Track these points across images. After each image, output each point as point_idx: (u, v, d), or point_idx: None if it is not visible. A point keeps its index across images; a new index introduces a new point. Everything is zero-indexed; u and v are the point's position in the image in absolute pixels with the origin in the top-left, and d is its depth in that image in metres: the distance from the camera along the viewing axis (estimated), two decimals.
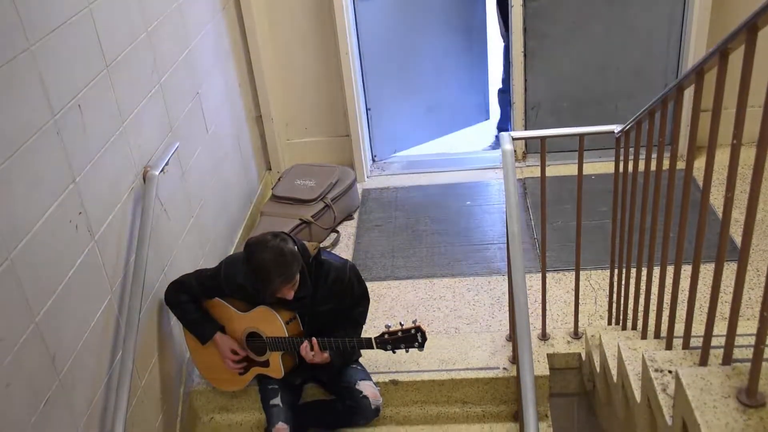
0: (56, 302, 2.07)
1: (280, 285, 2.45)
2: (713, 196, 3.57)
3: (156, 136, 2.85)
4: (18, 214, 1.92)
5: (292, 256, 2.45)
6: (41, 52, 2.05)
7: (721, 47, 1.58)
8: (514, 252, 2.31)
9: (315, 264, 2.64)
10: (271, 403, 2.81)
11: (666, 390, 1.82)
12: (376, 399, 2.81)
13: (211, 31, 3.59)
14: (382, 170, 4.66)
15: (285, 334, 2.68)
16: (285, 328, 2.67)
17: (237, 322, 2.77)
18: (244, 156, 4.12)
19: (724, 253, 1.68)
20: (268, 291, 2.48)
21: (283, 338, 2.68)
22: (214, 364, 2.88)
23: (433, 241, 3.89)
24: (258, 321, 2.72)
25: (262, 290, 2.50)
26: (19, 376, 1.89)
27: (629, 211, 2.48)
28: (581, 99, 4.39)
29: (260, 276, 2.44)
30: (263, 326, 2.72)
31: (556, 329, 3.11)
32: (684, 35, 4.12)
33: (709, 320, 1.77)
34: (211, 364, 2.89)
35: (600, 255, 3.48)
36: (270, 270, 2.41)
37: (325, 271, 2.66)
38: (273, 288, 2.46)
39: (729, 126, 1.56)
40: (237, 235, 3.87)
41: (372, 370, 2.94)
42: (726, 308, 2.89)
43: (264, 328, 2.72)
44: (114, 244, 2.45)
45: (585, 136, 2.62)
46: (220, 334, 2.78)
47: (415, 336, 2.56)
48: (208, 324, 2.78)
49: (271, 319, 2.68)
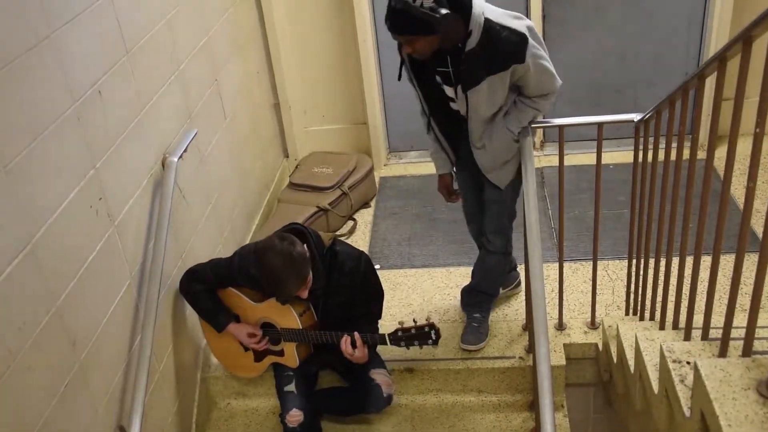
0: (76, 287, 2.10)
1: (293, 288, 2.45)
2: (734, 186, 3.53)
3: (175, 122, 2.86)
4: (39, 200, 1.94)
5: (302, 259, 2.44)
6: (62, 39, 2.06)
7: (744, 34, 1.56)
8: (532, 241, 2.30)
9: (329, 254, 2.63)
10: (286, 390, 2.82)
11: (684, 381, 1.81)
12: (389, 387, 2.82)
13: (229, 19, 3.59)
14: (399, 158, 4.65)
15: (299, 325, 2.68)
16: (299, 320, 2.67)
17: (251, 312, 2.78)
18: (262, 143, 4.13)
19: (744, 243, 1.67)
20: (282, 295, 2.51)
21: (296, 330, 2.69)
22: (230, 351, 2.90)
23: (450, 230, 3.88)
24: (271, 312, 2.73)
25: (277, 294, 2.53)
26: (40, 359, 1.92)
27: (648, 201, 2.46)
28: (600, 87, 4.34)
29: (273, 282, 2.44)
30: (277, 318, 2.73)
31: (573, 319, 3.10)
32: (706, 21, 4.06)
33: (729, 311, 1.76)
34: (227, 352, 2.91)
35: (618, 245, 3.46)
36: (281, 275, 2.40)
37: (339, 261, 2.64)
38: (287, 292, 2.47)
39: (751, 115, 1.54)
40: (254, 222, 3.89)
41: (387, 357, 2.95)
42: (746, 300, 2.86)
43: (278, 319, 2.73)
44: (133, 230, 2.47)
45: (604, 125, 2.60)
46: (234, 324, 2.78)
47: (428, 333, 2.54)
48: (223, 313, 2.78)
49: (285, 311, 2.68)
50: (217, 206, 3.30)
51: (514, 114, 2.53)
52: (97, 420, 2.22)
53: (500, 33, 2.30)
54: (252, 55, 4.00)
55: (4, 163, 1.80)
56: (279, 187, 4.31)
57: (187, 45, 3.03)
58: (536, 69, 2.39)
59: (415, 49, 2.31)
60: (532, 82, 2.44)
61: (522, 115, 2.53)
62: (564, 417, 2.90)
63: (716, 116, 1.81)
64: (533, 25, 2.40)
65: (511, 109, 2.54)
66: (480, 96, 2.43)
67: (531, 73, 2.39)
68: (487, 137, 2.58)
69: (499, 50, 2.32)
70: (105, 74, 2.30)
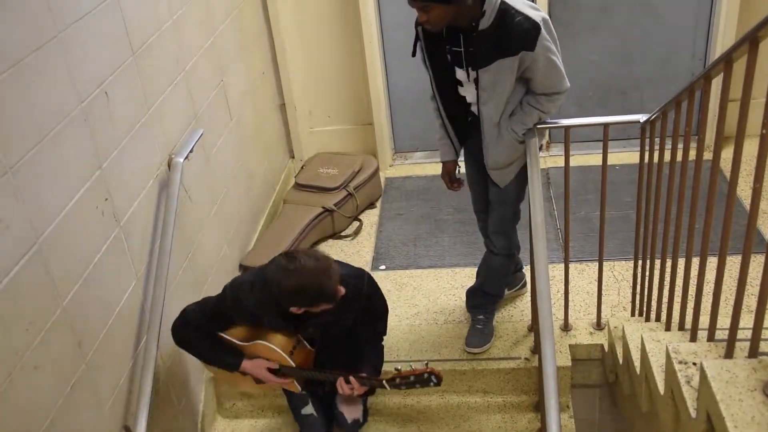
0: (83, 287, 2.10)
1: (335, 284, 2.21)
2: (740, 187, 3.52)
3: (181, 123, 2.87)
4: (46, 199, 1.95)
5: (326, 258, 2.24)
6: (69, 39, 2.07)
7: (751, 35, 1.55)
8: (537, 242, 2.30)
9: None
10: (303, 414, 2.62)
11: (690, 382, 1.81)
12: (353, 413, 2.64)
13: (235, 19, 3.60)
14: (404, 159, 4.65)
15: (290, 363, 2.46)
16: (289, 359, 2.45)
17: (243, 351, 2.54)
18: (268, 144, 4.14)
19: (750, 244, 1.66)
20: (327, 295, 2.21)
21: (292, 367, 2.47)
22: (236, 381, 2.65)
23: (455, 231, 3.88)
24: (261, 351, 2.48)
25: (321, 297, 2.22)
26: (47, 359, 1.93)
27: (654, 202, 2.46)
28: (606, 88, 4.34)
29: (314, 284, 2.16)
30: (267, 356, 2.49)
31: (578, 320, 3.10)
32: (712, 22, 4.05)
33: (735, 312, 1.75)
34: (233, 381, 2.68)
35: (623, 246, 3.45)
36: (320, 274, 2.16)
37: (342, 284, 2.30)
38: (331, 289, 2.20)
39: (758, 116, 1.54)
40: (260, 223, 3.90)
41: (393, 357, 2.95)
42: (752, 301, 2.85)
43: (268, 358, 2.49)
44: (139, 231, 2.48)
45: (610, 126, 2.60)
46: (247, 360, 2.48)
47: (429, 379, 2.31)
48: (229, 353, 2.49)
49: (272, 351, 2.46)
50: (222, 206, 3.31)
51: (518, 115, 2.53)
52: (103, 420, 2.23)
53: (514, 17, 2.32)
54: (257, 55, 4.01)
55: (11, 164, 1.80)
56: (284, 187, 4.31)
57: (193, 46, 3.03)
58: (545, 62, 2.40)
59: (430, 18, 2.33)
60: (539, 76, 2.44)
61: (526, 117, 2.53)
62: (570, 418, 2.90)
63: (722, 117, 1.81)
64: (549, 20, 2.41)
65: (516, 109, 2.54)
66: (488, 78, 2.44)
67: (539, 66, 2.40)
68: (493, 136, 2.58)
69: (511, 34, 2.34)
70: (111, 75, 2.31)
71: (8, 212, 1.79)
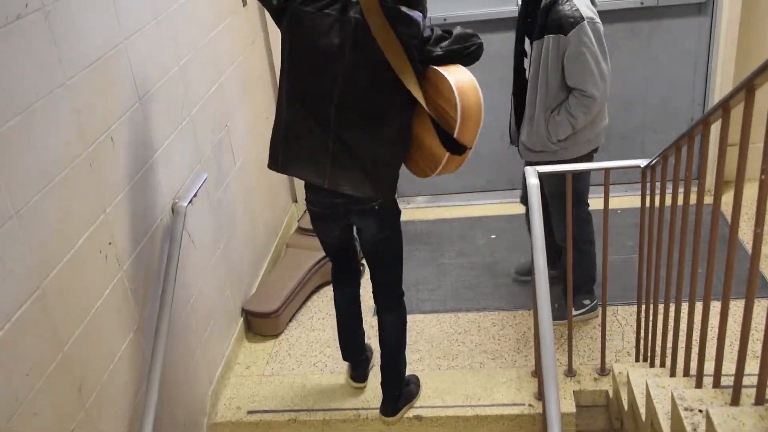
0: (84, 332, 2.10)
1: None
2: (742, 231, 3.53)
3: (185, 167, 2.89)
4: (50, 243, 1.96)
5: None
6: (77, 86, 2.10)
7: (747, 83, 1.58)
8: (540, 286, 2.30)
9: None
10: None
11: (696, 430, 1.79)
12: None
13: (240, 65, 3.66)
14: (407, 203, 4.67)
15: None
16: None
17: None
18: (271, 188, 4.16)
19: (754, 289, 1.66)
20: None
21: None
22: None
23: (458, 275, 3.88)
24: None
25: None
26: (46, 405, 1.91)
27: (656, 246, 2.46)
28: (607, 132, 4.36)
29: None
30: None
31: (582, 365, 3.07)
32: (710, 69, 4.11)
33: (741, 358, 1.74)
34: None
35: (626, 290, 3.44)
36: None
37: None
38: None
39: (757, 161, 1.55)
40: (263, 267, 3.90)
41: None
42: (757, 346, 2.83)
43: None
44: (142, 275, 2.48)
45: (611, 171, 2.62)
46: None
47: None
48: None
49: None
50: (226, 251, 3.31)
51: (552, 121, 2.84)
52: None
53: (563, 3, 2.65)
54: (260, 99, 4.06)
55: (17, 208, 1.82)
56: (287, 231, 4.32)
57: (199, 90, 3.08)
58: (576, 53, 2.65)
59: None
60: (568, 66, 2.70)
61: (559, 119, 2.79)
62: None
63: (722, 162, 1.82)
64: (602, 27, 2.68)
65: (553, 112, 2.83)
66: (536, 51, 2.76)
67: (570, 54, 2.66)
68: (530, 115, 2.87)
69: (554, 16, 2.66)
70: (118, 120, 2.34)
71: (12, 256, 1.80)
